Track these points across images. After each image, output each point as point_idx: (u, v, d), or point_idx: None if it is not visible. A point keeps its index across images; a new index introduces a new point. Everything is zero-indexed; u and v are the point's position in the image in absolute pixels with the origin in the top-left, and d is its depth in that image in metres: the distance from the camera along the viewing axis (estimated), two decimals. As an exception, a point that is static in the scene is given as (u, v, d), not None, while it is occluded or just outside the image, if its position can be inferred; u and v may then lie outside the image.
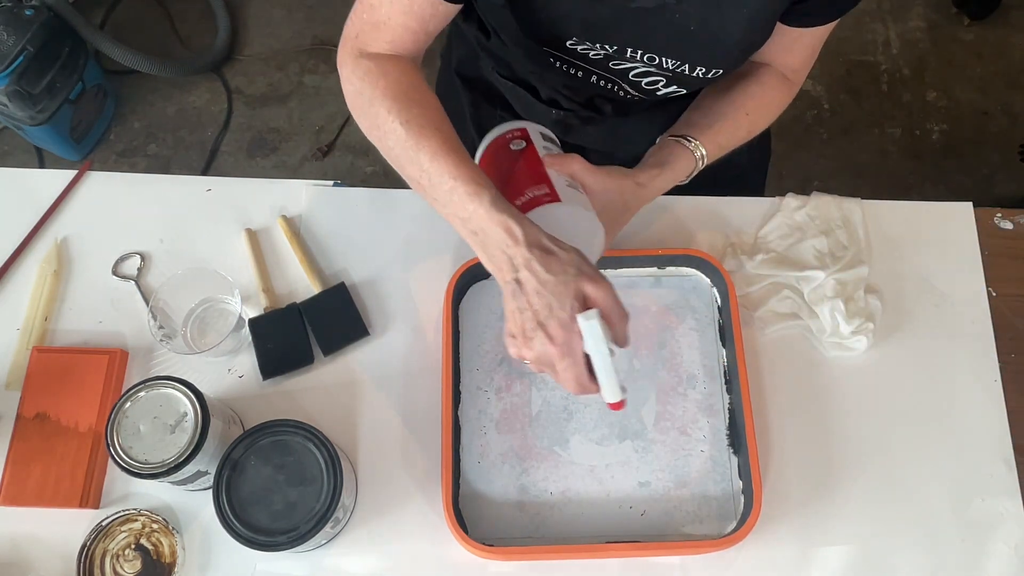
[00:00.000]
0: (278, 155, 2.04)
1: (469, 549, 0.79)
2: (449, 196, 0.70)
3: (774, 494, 0.85)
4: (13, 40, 1.72)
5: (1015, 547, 0.84)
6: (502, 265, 0.68)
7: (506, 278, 0.68)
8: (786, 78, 0.90)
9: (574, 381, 0.67)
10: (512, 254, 0.67)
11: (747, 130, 0.89)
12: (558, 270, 0.66)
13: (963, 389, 0.90)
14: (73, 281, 0.93)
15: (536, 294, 0.66)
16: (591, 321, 0.65)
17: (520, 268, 0.67)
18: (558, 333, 0.66)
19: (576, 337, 0.66)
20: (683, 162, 0.84)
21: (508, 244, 0.67)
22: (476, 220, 0.69)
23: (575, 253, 0.68)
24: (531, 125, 0.83)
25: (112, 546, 0.80)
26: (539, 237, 0.68)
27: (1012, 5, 2.22)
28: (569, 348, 0.66)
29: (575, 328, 0.65)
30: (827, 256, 0.94)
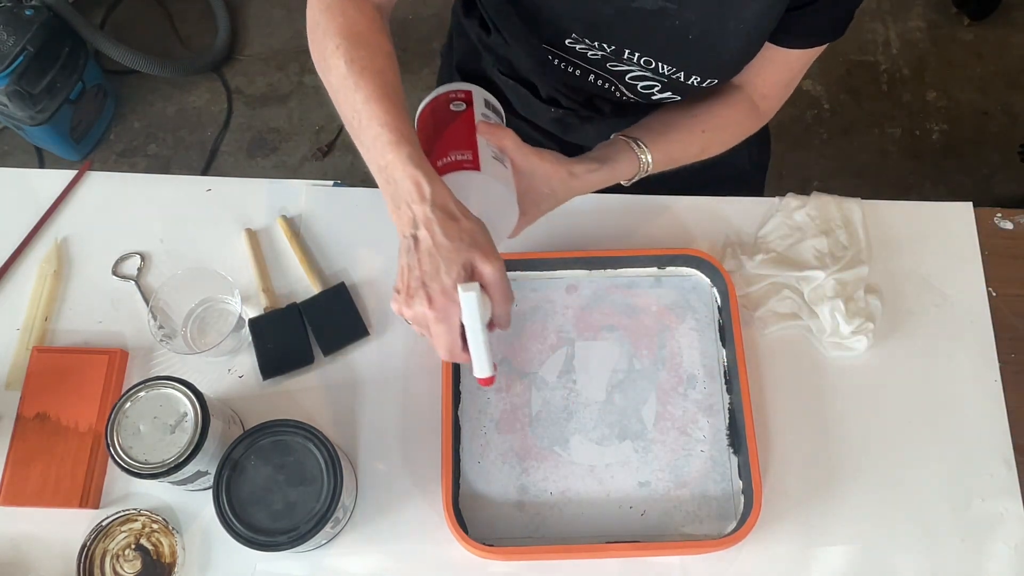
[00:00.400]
0: (278, 155, 2.04)
1: (469, 549, 0.79)
2: (373, 141, 0.70)
3: (774, 494, 0.85)
4: (13, 40, 1.72)
5: (1015, 547, 0.84)
6: (404, 219, 0.68)
7: (404, 232, 0.68)
8: (754, 105, 0.89)
9: (445, 348, 0.68)
10: (416, 210, 0.67)
11: (701, 147, 0.88)
12: (454, 236, 0.66)
13: (963, 389, 0.90)
14: (73, 281, 0.93)
15: (427, 254, 0.66)
16: (469, 293, 0.65)
17: (420, 226, 0.67)
18: (438, 298, 0.66)
19: (454, 305, 0.66)
20: (626, 164, 0.83)
21: (414, 199, 0.67)
22: (391, 170, 0.69)
23: (478, 225, 0.68)
24: (477, 90, 0.82)
25: (112, 546, 0.80)
26: (447, 201, 0.67)
27: (1012, 5, 2.22)
28: (445, 314, 0.66)
29: (455, 295, 0.66)
30: (827, 256, 0.94)
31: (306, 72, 2.12)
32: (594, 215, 0.97)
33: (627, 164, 0.83)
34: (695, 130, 0.87)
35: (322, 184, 0.99)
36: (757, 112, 0.90)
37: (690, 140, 0.87)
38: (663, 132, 0.86)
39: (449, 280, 0.66)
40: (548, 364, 0.90)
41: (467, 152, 0.75)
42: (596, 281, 0.94)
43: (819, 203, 0.97)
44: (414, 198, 0.67)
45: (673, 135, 0.86)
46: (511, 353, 0.90)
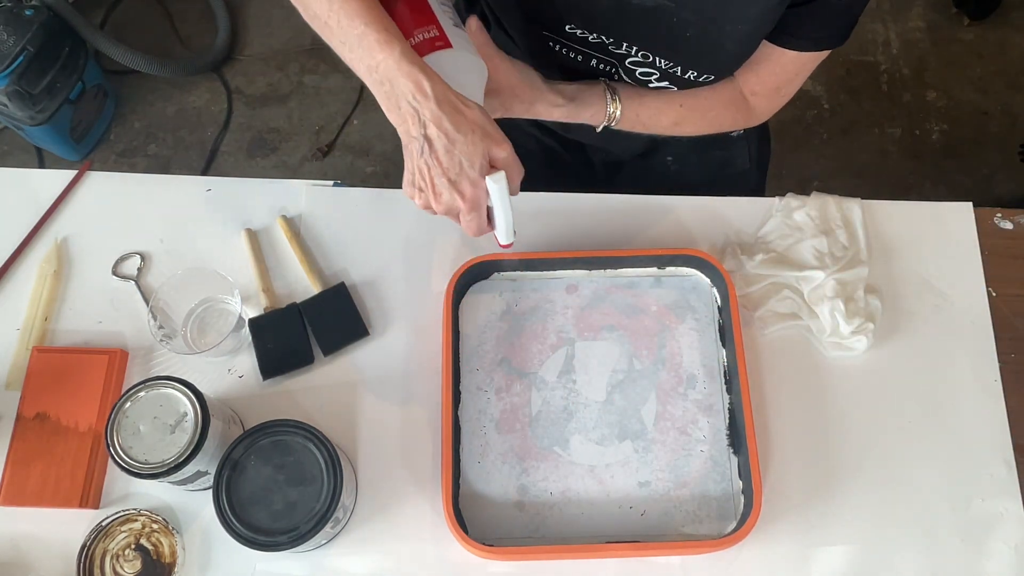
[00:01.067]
0: (278, 155, 2.04)
1: (469, 549, 0.79)
2: (359, 41, 0.69)
3: (774, 494, 0.85)
4: (13, 40, 1.72)
5: (1015, 547, 0.84)
6: (408, 118, 0.69)
7: (412, 132, 0.69)
8: (743, 98, 0.89)
9: (476, 228, 0.73)
10: (420, 108, 0.68)
11: (673, 120, 0.89)
12: (467, 130, 0.68)
13: (963, 389, 0.90)
14: (73, 281, 0.93)
15: (446, 152, 0.68)
16: (500, 184, 0.70)
17: (428, 124, 0.68)
18: (468, 190, 0.69)
19: (483, 194, 0.71)
20: (593, 110, 0.86)
21: (417, 98, 0.68)
22: (384, 70, 0.68)
23: (480, 111, 0.70)
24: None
25: (112, 546, 0.80)
26: (448, 94, 0.68)
27: (1012, 5, 2.22)
28: (477, 203, 0.71)
29: (483, 185, 0.70)
30: (827, 256, 0.93)
31: (306, 72, 2.12)
32: (594, 215, 0.97)
33: (594, 110, 0.86)
34: (673, 102, 0.88)
35: (322, 184, 0.99)
36: (746, 106, 0.90)
37: (665, 109, 0.88)
38: (641, 94, 0.88)
39: (474, 173, 0.69)
40: (548, 364, 0.90)
41: (432, 27, 0.75)
42: (596, 281, 0.94)
43: (819, 203, 0.97)
44: (416, 97, 0.68)
45: (650, 100, 0.87)
46: (511, 353, 0.90)
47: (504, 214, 0.73)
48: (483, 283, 0.93)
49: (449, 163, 0.68)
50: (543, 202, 0.97)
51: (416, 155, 0.69)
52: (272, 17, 2.20)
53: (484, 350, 0.90)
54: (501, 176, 0.70)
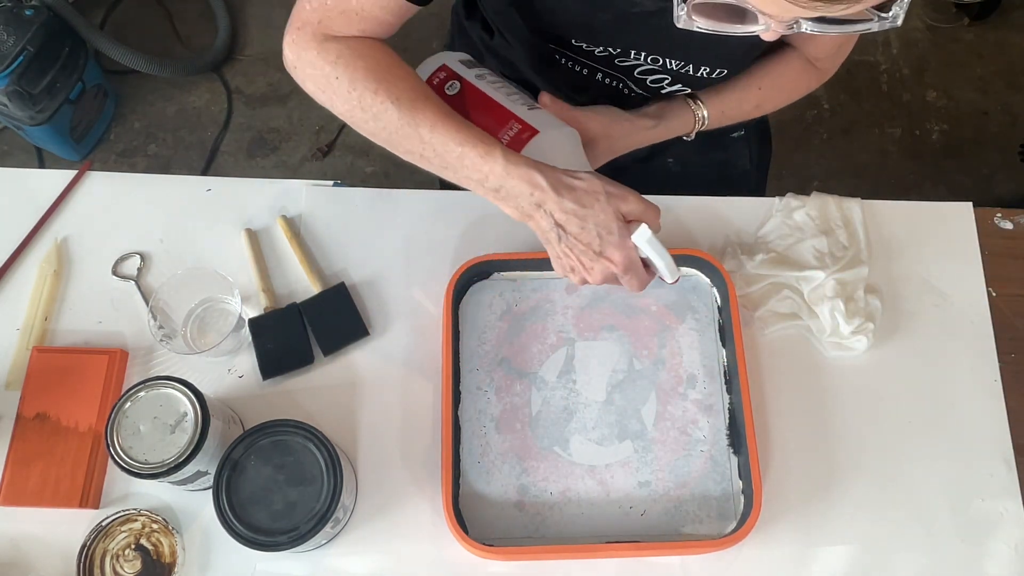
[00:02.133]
0: (278, 155, 2.04)
1: (469, 549, 0.79)
2: (460, 161, 0.71)
3: (774, 494, 0.85)
4: (13, 40, 1.72)
5: (1015, 547, 0.84)
6: (534, 214, 0.71)
7: (543, 226, 0.71)
8: (810, 63, 0.90)
9: (639, 284, 0.74)
10: (541, 202, 0.70)
11: (756, 104, 0.89)
12: (590, 201, 0.70)
13: (963, 389, 0.90)
14: (73, 281, 0.93)
15: (581, 230, 0.70)
16: (644, 234, 0.71)
17: (555, 212, 0.70)
18: (617, 255, 0.71)
19: (633, 251, 0.72)
20: (682, 120, 0.86)
21: (535, 194, 0.70)
22: (494, 178, 0.71)
23: (593, 177, 0.71)
24: (447, 57, 0.81)
25: (112, 546, 0.80)
26: (560, 177, 0.70)
27: (1012, 5, 2.22)
28: (631, 263, 0.72)
29: (631, 245, 0.71)
30: (827, 256, 0.93)
31: (306, 72, 2.11)
32: (594, 215, 0.97)
33: (683, 120, 0.86)
34: (751, 87, 0.88)
35: (322, 184, 0.99)
36: (814, 69, 0.91)
37: (745, 96, 0.88)
38: (718, 89, 0.87)
39: (615, 237, 0.71)
40: (548, 364, 0.90)
41: (512, 123, 0.77)
42: (596, 281, 0.94)
43: (819, 203, 0.97)
44: (532, 192, 0.70)
45: (728, 91, 0.88)
46: (511, 353, 0.90)
47: (661, 259, 0.73)
48: (483, 283, 0.93)
49: (589, 238, 0.70)
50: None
51: (555, 243, 0.72)
52: (272, 17, 2.20)
53: (484, 350, 0.90)
54: (644, 229, 0.71)
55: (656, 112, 0.86)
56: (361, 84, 0.73)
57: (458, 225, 0.96)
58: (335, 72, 0.74)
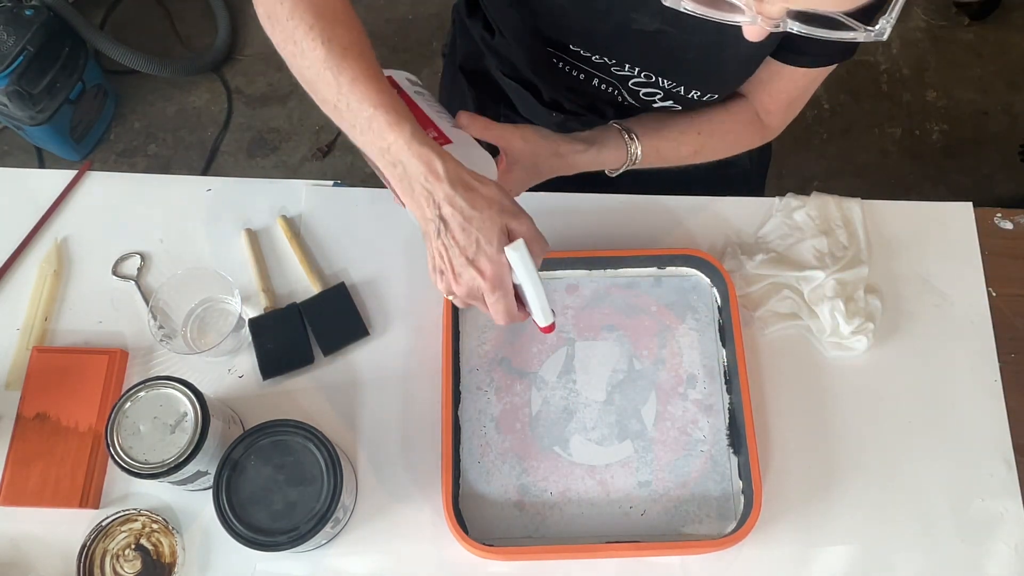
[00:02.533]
0: (278, 155, 2.04)
1: (469, 549, 0.79)
2: (368, 124, 0.68)
3: (774, 494, 0.85)
4: (13, 40, 1.72)
5: (1015, 547, 0.84)
6: (422, 201, 0.67)
7: (427, 215, 0.67)
8: (758, 118, 0.89)
9: (504, 312, 0.69)
10: (434, 189, 0.66)
11: (694, 149, 0.87)
12: (482, 206, 0.66)
13: (963, 389, 0.91)
14: (73, 281, 0.93)
15: (462, 230, 0.66)
16: (520, 251, 0.66)
17: (443, 204, 0.66)
18: (488, 267, 0.66)
19: (506, 269, 0.67)
20: (614, 152, 0.83)
21: (430, 179, 0.66)
22: (396, 151, 0.67)
23: (495, 187, 0.68)
24: (397, 72, 0.80)
25: (112, 546, 0.80)
26: (461, 173, 0.67)
27: (1012, 5, 2.22)
28: (499, 281, 0.67)
29: (504, 262, 0.66)
30: (827, 256, 0.94)
31: (306, 72, 2.12)
32: (594, 215, 0.97)
33: (616, 152, 0.83)
34: (690, 131, 0.86)
35: (322, 184, 0.99)
36: (760, 125, 0.90)
37: (684, 140, 0.86)
38: (657, 128, 0.86)
39: (492, 248, 0.66)
40: (548, 364, 0.90)
41: (429, 130, 0.74)
42: (596, 281, 0.94)
43: (819, 203, 0.97)
44: (429, 177, 0.66)
45: (667, 132, 0.86)
46: (511, 353, 0.90)
47: (533, 289, 0.69)
48: (483, 283, 0.93)
49: (466, 241, 0.66)
50: (543, 202, 0.96)
51: (433, 237, 0.68)
52: (272, 17, 2.20)
53: (484, 350, 0.90)
54: (520, 244, 0.67)
55: (589, 138, 0.83)
56: (299, 15, 0.70)
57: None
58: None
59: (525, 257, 0.67)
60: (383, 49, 2.12)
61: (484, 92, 1.03)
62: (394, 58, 2.10)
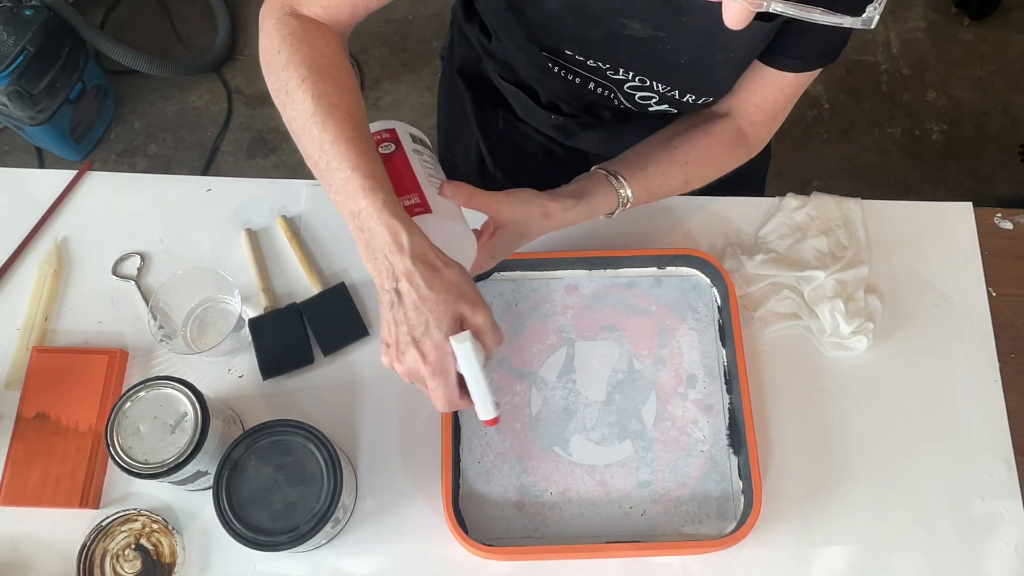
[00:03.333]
0: (278, 155, 2.04)
1: (469, 549, 0.79)
2: (343, 185, 0.67)
3: (774, 494, 0.85)
4: (13, 40, 1.72)
5: (1015, 547, 0.84)
6: (383, 271, 0.66)
7: (385, 286, 0.66)
8: (742, 135, 0.87)
9: (444, 399, 0.67)
10: (395, 262, 0.65)
11: (684, 179, 0.86)
12: (439, 288, 0.64)
13: (963, 389, 0.91)
14: (73, 281, 0.93)
15: (414, 309, 0.64)
16: (464, 344, 0.64)
17: (400, 278, 0.65)
18: (431, 352, 0.65)
19: (449, 357, 0.65)
20: (604, 199, 0.81)
21: (392, 251, 0.65)
22: (364, 217, 0.66)
23: (459, 272, 0.66)
24: (400, 126, 0.80)
25: (112, 546, 0.80)
26: (425, 250, 0.65)
27: (1012, 5, 2.22)
28: (441, 367, 0.65)
29: (448, 349, 0.65)
30: (827, 256, 0.94)
31: (306, 72, 2.11)
32: (594, 215, 0.97)
33: (606, 199, 0.81)
34: (677, 162, 0.85)
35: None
36: (745, 141, 0.88)
37: (671, 173, 0.85)
38: (643, 166, 0.84)
39: (440, 334, 0.64)
40: (548, 364, 0.90)
41: (413, 195, 0.73)
42: (596, 281, 0.94)
43: (819, 203, 0.97)
44: (392, 249, 0.65)
45: (653, 168, 0.84)
46: (511, 353, 0.90)
47: (475, 383, 0.66)
48: (483, 283, 0.93)
49: (416, 320, 0.64)
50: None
51: (386, 308, 0.66)
52: (272, 17, 2.20)
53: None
54: (466, 336, 0.64)
55: (576, 191, 0.81)
56: (294, 67, 0.70)
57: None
58: (280, 46, 0.72)
59: (469, 351, 0.64)
60: (383, 49, 2.12)
61: (482, 96, 1.03)
62: (394, 58, 2.10)
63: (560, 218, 0.79)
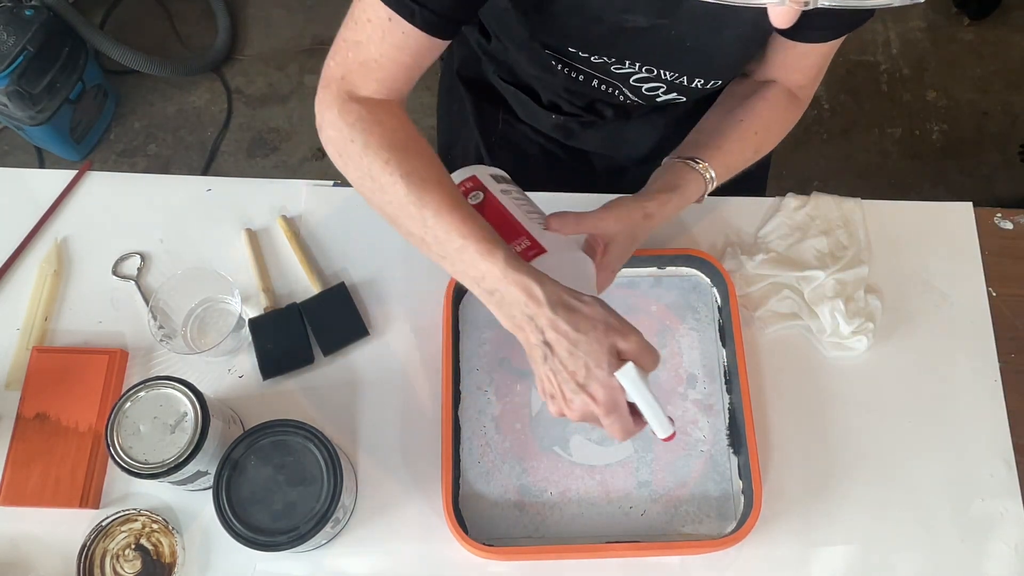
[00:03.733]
0: (278, 155, 2.04)
1: (469, 549, 0.79)
2: (459, 255, 0.68)
3: (774, 494, 0.85)
4: (13, 40, 1.72)
5: (1015, 547, 0.84)
6: (525, 327, 0.66)
7: (532, 340, 0.66)
8: (793, 95, 0.89)
9: (622, 432, 0.67)
10: (535, 315, 0.65)
11: (755, 150, 0.87)
12: (587, 328, 0.64)
13: (963, 389, 0.91)
14: (73, 281, 0.93)
15: (569, 356, 0.64)
16: (630, 375, 0.64)
17: (546, 330, 0.65)
18: (600, 392, 0.65)
19: (618, 392, 0.65)
20: (693, 186, 0.82)
21: (529, 305, 0.65)
22: (491, 280, 0.66)
23: (597, 304, 0.66)
24: (479, 169, 0.80)
25: (112, 546, 0.80)
26: (560, 295, 0.65)
27: (1012, 5, 2.22)
28: (613, 405, 0.65)
29: (615, 385, 0.65)
30: (827, 256, 0.94)
31: (306, 72, 2.12)
32: (594, 215, 0.97)
33: (695, 186, 0.82)
34: (747, 134, 0.85)
35: (322, 184, 0.99)
36: (796, 101, 0.89)
37: (744, 145, 0.85)
38: (717, 145, 0.84)
39: (603, 373, 0.64)
40: (548, 364, 0.89)
41: (522, 239, 0.73)
42: (596, 281, 0.93)
43: (819, 203, 0.97)
44: (528, 304, 0.65)
45: (727, 145, 0.84)
46: (511, 353, 0.90)
47: (648, 407, 0.66)
48: (483, 283, 0.93)
49: (575, 366, 0.64)
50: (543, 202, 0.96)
51: (540, 363, 0.66)
52: (272, 17, 2.20)
53: (484, 350, 0.90)
54: (630, 368, 0.64)
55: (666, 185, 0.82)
56: (373, 151, 0.70)
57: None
58: (352, 135, 0.71)
59: (636, 380, 0.65)
60: (383, 49, 2.12)
61: (481, 97, 1.03)
62: (394, 58, 2.10)
63: (660, 214, 0.80)
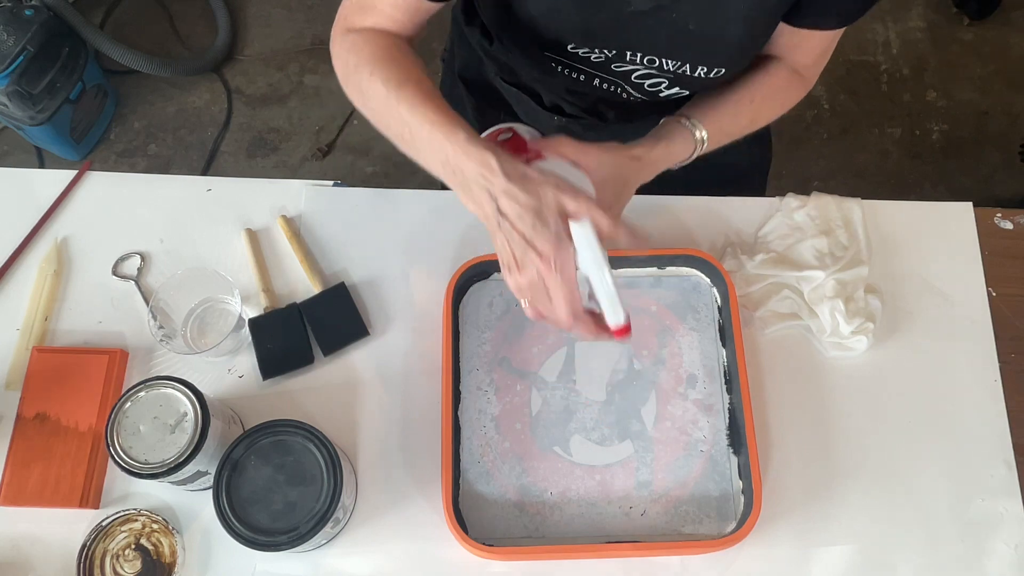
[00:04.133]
0: (278, 155, 2.04)
1: (469, 549, 0.79)
2: (428, 143, 0.70)
3: (774, 494, 0.85)
4: (13, 40, 1.72)
5: (1015, 547, 0.84)
6: (481, 199, 0.67)
7: (487, 211, 0.67)
8: (796, 72, 0.89)
9: (565, 302, 0.66)
10: (490, 185, 0.66)
11: (750, 118, 0.87)
12: (534, 189, 0.65)
13: (963, 389, 0.91)
14: (73, 281, 0.93)
15: (518, 218, 0.65)
16: (584, 225, 0.64)
17: (499, 196, 0.65)
18: (547, 247, 0.64)
19: (566, 250, 0.65)
20: (681, 142, 0.83)
21: (485, 176, 0.66)
22: (453, 159, 0.68)
23: (552, 176, 0.67)
24: (520, 126, 0.84)
25: (112, 546, 0.80)
26: (516, 166, 0.66)
27: (1012, 5, 2.23)
28: (561, 262, 0.64)
29: (563, 239, 0.64)
30: (827, 256, 0.94)
31: (306, 72, 2.12)
32: (594, 215, 0.97)
33: (683, 141, 0.83)
34: (742, 101, 0.86)
35: (322, 184, 0.99)
36: (800, 78, 0.89)
37: (740, 112, 0.86)
38: (712, 107, 0.85)
39: (551, 229, 0.64)
40: (548, 364, 0.90)
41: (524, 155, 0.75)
42: (596, 281, 0.93)
43: (819, 203, 0.97)
44: (484, 174, 0.66)
45: (721, 108, 0.85)
46: (511, 353, 0.90)
47: (601, 283, 0.66)
48: (483, 283, 0.93)
49: (523, 226, 0.65)
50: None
51: (496, 231, 0.67)
52: (272, 17, 2.20)
53: (484, 350, 0.90)
54: (586, 222, 0.64)
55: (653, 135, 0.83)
56: (362, 67, 0.75)
57: (458, 225, 0.96)
58: (347, 58, 0.78)
59: (589, 231, 0.64)
60: (383, 49, 2.12)
61: (483, 98, 1.03)
62: (394, 58, 2.10)
63: (648, 158, 0.80)
